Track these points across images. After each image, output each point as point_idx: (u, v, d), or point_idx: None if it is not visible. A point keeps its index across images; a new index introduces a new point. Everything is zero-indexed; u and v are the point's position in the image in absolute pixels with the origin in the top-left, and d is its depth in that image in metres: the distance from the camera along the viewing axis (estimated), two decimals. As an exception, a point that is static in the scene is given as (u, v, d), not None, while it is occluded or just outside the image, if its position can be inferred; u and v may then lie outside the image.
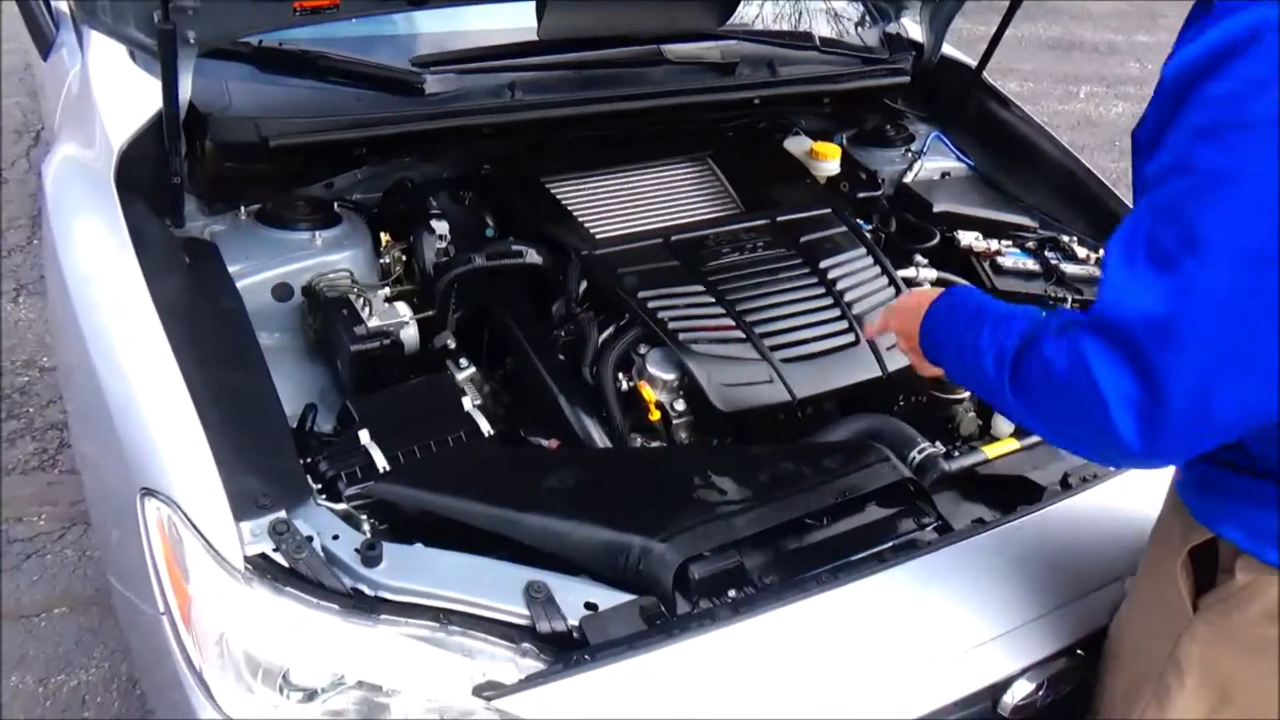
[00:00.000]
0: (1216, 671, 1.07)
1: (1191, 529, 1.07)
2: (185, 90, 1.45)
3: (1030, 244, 1.98)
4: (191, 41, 1.41)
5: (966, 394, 1.69)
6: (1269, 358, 0.82)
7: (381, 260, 1.78)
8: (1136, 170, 0.98)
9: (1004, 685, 1.23)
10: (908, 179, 2.14)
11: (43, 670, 2.02)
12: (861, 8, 2.26)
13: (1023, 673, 1.23)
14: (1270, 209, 0.80)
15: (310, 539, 1.16)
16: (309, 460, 1.34)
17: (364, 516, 1.29)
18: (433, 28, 1.89)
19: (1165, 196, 0.87)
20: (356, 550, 1.16)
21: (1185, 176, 0.85)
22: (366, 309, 1.61)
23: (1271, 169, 0.79)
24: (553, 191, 1.81)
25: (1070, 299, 1.84)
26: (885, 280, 1.70)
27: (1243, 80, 0.82)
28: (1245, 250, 0.81)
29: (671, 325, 1.53)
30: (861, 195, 2.09)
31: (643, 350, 1.57)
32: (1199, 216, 0.83)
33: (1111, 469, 1.46)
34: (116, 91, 1.62)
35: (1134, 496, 1.34)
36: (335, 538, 1.18)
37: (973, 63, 2.21)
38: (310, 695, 1.14)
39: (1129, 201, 2.02)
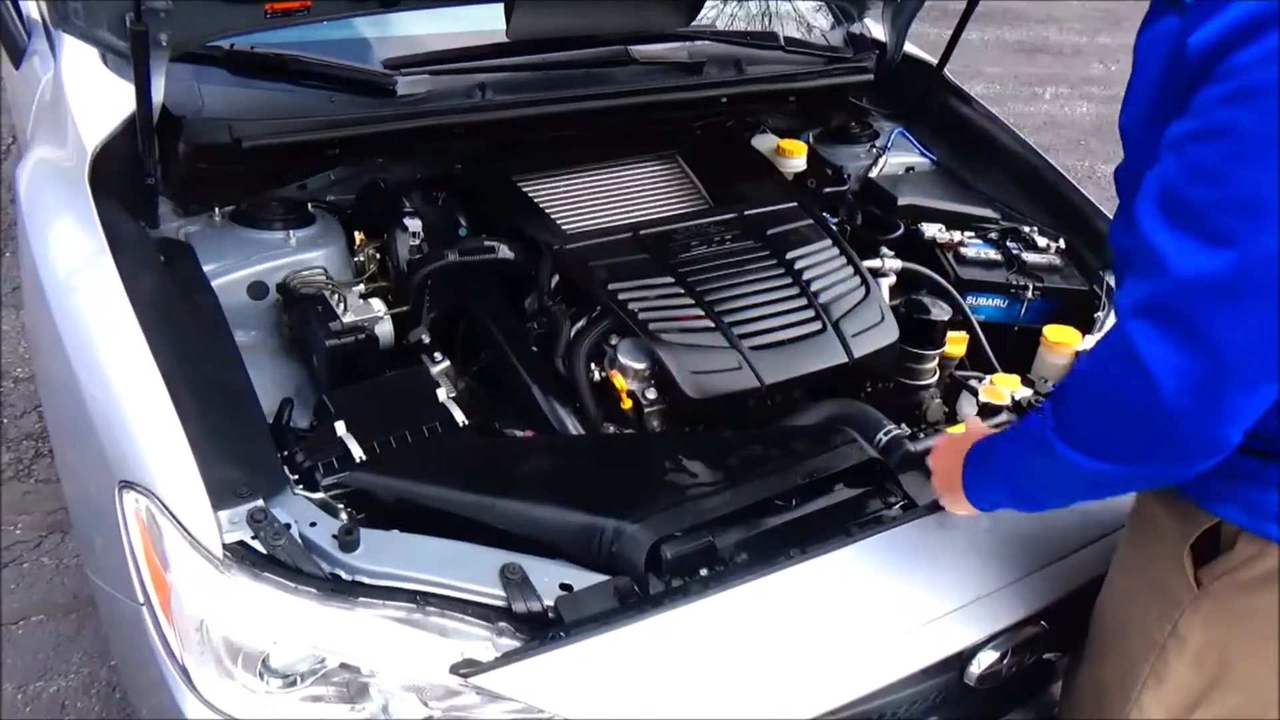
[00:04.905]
0: (1218, 641, 1.11)
1: (1188, 521, 1.11)
2: (158, 92, 1.46)
3: (992, 235, 2.03)
4: (164, 44, 1.43)
5: (933, 379, 1.73)
6: None
7: (356, 259, 1.80)
8: (1136, 150, 1.03)
9: (969, 654, 1.27)
10: (872, 174, 2.18)
11: (21, 677, 2.02)
12: (826, 9, 2.31)
13: (987, 642, 1.27)
14: None
15: (288, 526, 1.18)
16: (286, 453, 1.36)
17: (341, 506, 1.31)
18: (404, 30, 1.91)
19: (1197, 164, 0.88)
20: (334, 536, 1.18)
21: (1220, 141, 0.87)
22: (341, 305, 1.62)
23: None
24: (524, 189, 1.83)
25: (1032, 286, 1.89)
26: (850, 271, 1.74)
27: (1272, 49, 0.83)
28: None
29: (642, 316, 1.56)
30: (827, 190, 2.13)
31: (614, 341, 1.59)
32: (1249, 180, 0.85)
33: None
34: (89, 95, 1.64)
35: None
36: (313, 525, 1.20)
37: (934, 61, 2.26)
38: (291, 682, 1.16)
39: (1087, 193, 2.09)
